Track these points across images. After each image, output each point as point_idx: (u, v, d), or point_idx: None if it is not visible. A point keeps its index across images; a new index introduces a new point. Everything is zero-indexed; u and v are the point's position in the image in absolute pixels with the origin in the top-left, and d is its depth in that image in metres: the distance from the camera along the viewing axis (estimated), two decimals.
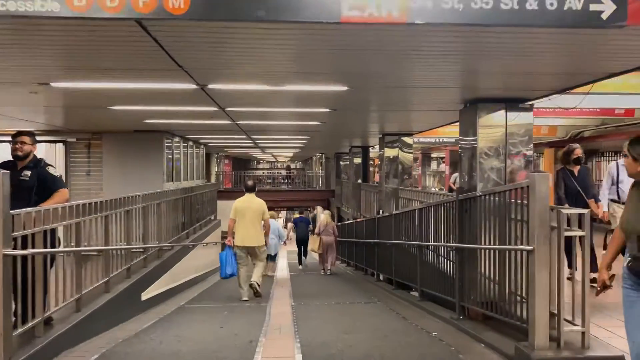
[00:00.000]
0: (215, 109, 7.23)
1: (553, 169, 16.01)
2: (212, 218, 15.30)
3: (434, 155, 31.76)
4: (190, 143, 13.87)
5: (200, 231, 12.78)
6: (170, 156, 11.74)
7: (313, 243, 13.57)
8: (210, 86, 5.27)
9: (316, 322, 6.35)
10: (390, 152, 10.91)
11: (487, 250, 5.20)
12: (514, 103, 5.69)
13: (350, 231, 14.56)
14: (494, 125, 5.73)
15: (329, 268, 13.06)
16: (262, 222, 8.04)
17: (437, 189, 23.97)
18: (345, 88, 5.23)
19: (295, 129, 10.68)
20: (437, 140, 17.23)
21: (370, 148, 16.13)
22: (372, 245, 11.21)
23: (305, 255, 15.85)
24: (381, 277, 10.81)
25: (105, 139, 10.85)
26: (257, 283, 8.09)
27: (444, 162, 29.87)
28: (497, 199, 5.02)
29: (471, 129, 5.89)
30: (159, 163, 10.93)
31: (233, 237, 7.94)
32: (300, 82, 5.13)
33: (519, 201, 4.55)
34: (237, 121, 8.99)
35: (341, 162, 22.77)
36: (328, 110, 7.22)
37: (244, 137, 12.42)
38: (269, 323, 6.26)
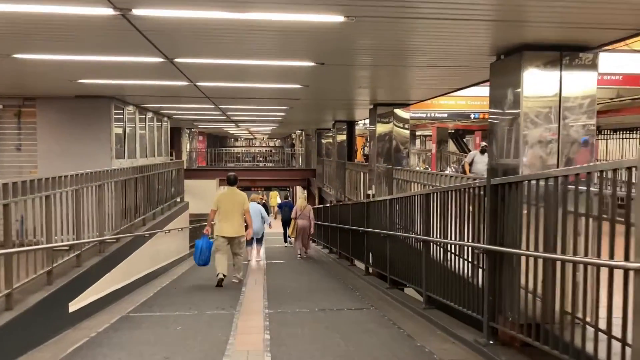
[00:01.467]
0: (161, 59, 5.49)
1: None
2: (178, 200, 13.59)
3: (418, 133, 30.29)
4: (150, 114, 12.02)
5: (162, 216, 11.08)
6: (121, 129, 9.92)
7: (291, 227, 13.14)
8: (138, 13, 3.54)
9: (296, 346, 4.80)
10: (383, 127, 9.32)
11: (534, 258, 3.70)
12: (573, 52, 4.12)
13: (334, 215, 13.02)
14: (542, 84, 4.15)
15: (305, 251, 12.77)
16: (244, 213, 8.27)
17: (421, 169, 22.57)
18: (341, 19, 3.56)
19: (273, 96, 8.92)
20: (429, 115, 15.67)
21: (356, 124, 14.54)
22: (360, 234, 9.69)
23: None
24: (370, 270, 9.32)
25: (39, 106, 8.97)
26: (239, 279, 8.54)
27: (429, 140, 28.47)
28: (557, 185, 3.48)
29: (509, 89, 4.31)
30: (106, 136, 9.11)
31: (212, 227, 8.40)
32: (280, 5, 3.40)
33: (596, 190, 3.05)
34: (196, 82, 7.24)
35: (323, 140, 21.14)
36: (313, 64, 5.53)
37: (211, 106, 10.64)
38: (233, 348, 4.70)
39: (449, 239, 5.41)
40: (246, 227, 8.36)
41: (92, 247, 6.83)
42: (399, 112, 9.26)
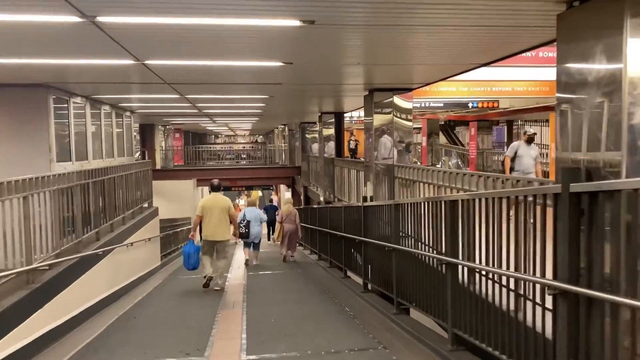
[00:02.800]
0: (78, 19, 3.95)
1: None
2: (146, 205, 11.99)
3: None
4: (106, 108, 10.36)
5: (123, 226, 9.50)
6: (66, 126, 8.28)
7: (277, 231, 12.89)
8: None
9: None
10: (381, 118, 7.86)
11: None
12: None
13: (323, 218, 11.55)
14: None
15: (291, 255, 12.55)
16: (229, 217, 8.50)
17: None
18: None
19: (250, 80, 7.30)
20: (424, 105, 14.22)
21: (344, 115, 13.08)
22: (357, 243, 8.24)
23: (274, 232, 15.74)
24: (369, 286, 7.87)
25: None
26: (218, 281, 8.74)
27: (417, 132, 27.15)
28: None
29: (599, 49, 2.86)
30: (43, 135, 7.46)
31: (199, 233, 8.66)
32: None
33: None
34: (144, 60, 5.66)
35: (307, 135, 19.64)
36: (298, 23, 3.99)
37: (176, 96, 9.02)
38: None
39: (485, 263, 3.97)
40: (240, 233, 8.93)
41: (15, 278, 5.26)
42: (399, 100, 7.81)
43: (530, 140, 8.15)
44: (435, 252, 5.03)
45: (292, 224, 12.23)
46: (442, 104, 14.88)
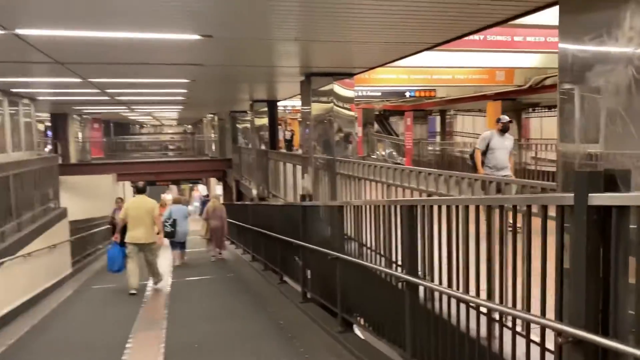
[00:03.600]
0: None
1: None
2: (52, 206, 10.46)
3: None
4: None
5: (19, 233, 8.06)
6: None
7: (202, 229, 12.43)
8: None
9: None
10: (320, 107, 6.96)
11: None
12: None
13: (258, 216, 10.55)
14: None
15: (219, 252, 12.22)
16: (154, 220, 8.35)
17: None
18: None
19: (163, 59, 6.12)
20: (362, 94, 13.48)
21: (278, 103, 12.08)
22: (295, 247, 7.35)
23: None
24: (309, 295, 7.01)
25: None
26: (158, 281, 8.78)
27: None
28: None
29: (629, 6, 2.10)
30: None
31: (120, 234, 8.37)
32: None
33: None
34: (14, 29, 4.35)
35: (238, 125, 18.45)
36: None
37: (77, 80, 7.58)
38: None
39: (463, 289, 3.20)
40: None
41: None
42: (340, 88, 6.96)
43: (505, 129, 6.93)
44: (394, 266, 4.22)
45: (218, 221, 11.85)
46: (380, 93, 14.25)
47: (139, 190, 8.70)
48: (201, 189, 19.90)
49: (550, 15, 7.03)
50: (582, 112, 2.30)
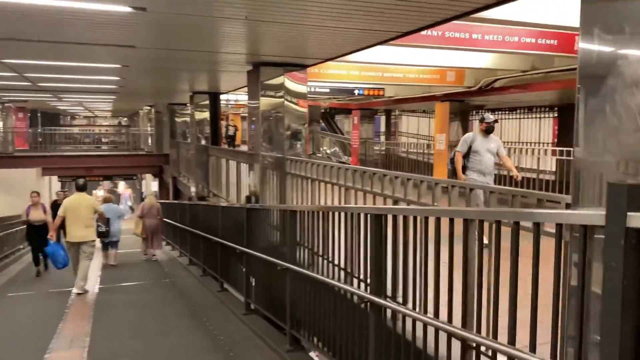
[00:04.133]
0: None
1: (447, 129, 13.02)
2: None
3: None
4: None
5: None
6: None
7: (136, 227, 11.89)
8: None
9: None
10: (269, 101, 6.33)
11: None
12: None
13: (196, 217, 9.78)
14: None
15: (154, 253, 11.80)
16: (96, 216, 8.47)
17: None
18: None
19: (89, 35, 5.25)
20: (310, 90, 12.88)
21: (220, 97, 11.29)
22: (238, 253, 6.71)
23: None
24: (252, 306, 6.40)
25: None
26: (83, 286, 8.21)
27: None
28: None
29: None
30: None
31: (56, 233, 8.35)
32: None
33: None
34: None
35: (177, 118, 17.42)
36: None
37: None
38: None
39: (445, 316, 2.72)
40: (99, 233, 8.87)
41: None
42: (291, 83, 6.37)
43: (489, 130, 6.29)
44: (355, 282, 3.70)
45: (153, 219, 11.46)
46: (328, 90, 13.78)
47: (78, 188, 8.45)
48: (121, 187, 18.46)
49: (512, 11, 6.81)
50: (613, 113, 1.85)
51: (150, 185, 26.59)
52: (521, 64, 9.70)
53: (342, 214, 4.01)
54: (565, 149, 10.11)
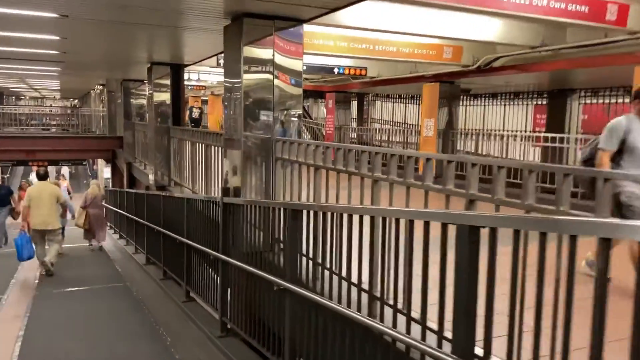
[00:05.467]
0: None
1: (436, 114, 11.87)
2: None
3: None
4: None
5: None
6: None
7: (78, 218, 11.08)
8: None
9: None
10: (253, 77, 4.87)
11: None
12: None
13: (155, 210, 8.27)
14: None
15: (98, 244, 11.26)
16: (59, 205, 8.56)
17: None
18: None
19: None
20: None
21: (184, 69, 9.67)
22: (212, 260, 5.31)
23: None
24: (229, 325, 5.01)
25: None
26: (51, 262, 8.40)
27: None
28: None
29: None
30: None
31: (28, 223, 8.26)
32: None
33: None
34: None
35: (132, 98, 15.61)
36: None
37: None
38: None
39: None
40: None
41: None
42: (284, 58, 5.00)
43: None
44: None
45: (98, 209, 11.10)
46: (305, 67, 12.34)
47: (39, 177, 8.84)
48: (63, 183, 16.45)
49: None
50: None
51: (103, 171, 24.50)
52: (532, 37, 8.57)
53: (378, 218, 2.72)
54: None
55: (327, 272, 3.23)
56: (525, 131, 13.58)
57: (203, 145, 7.09)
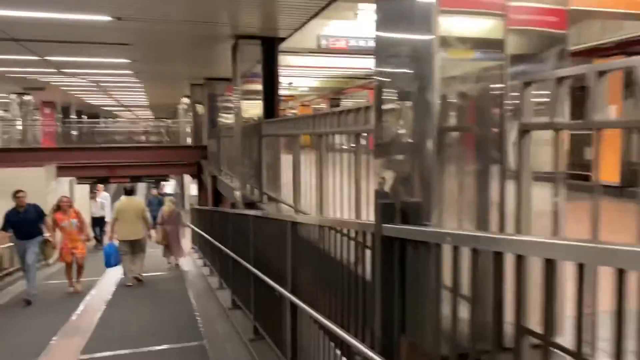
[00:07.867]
0: None
1: None
2: None
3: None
4: None
5: None
6: None
7: (157, 235, 10.80)
8: None
9: None
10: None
11: None
12: None
13: (243, 236, 5.84)
14: None
15: (176, 262, 11.14)
16: (143, 219, 9.29)
17: None
18: None
19: None
20: None
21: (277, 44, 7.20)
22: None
23: None
24: None
25: None
26: (140, 274, 9.28)
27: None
28: None
29: None
30: None
31: (114, 234, 9.22)
32: None
33: None
34: None
35: (217, 103, 13.71)
36: None
37: None
38: None
39: None
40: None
41: None
42: None
43: None
44: None
45: (174, 226, 11.11)
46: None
47: (126, 192, 9.42)
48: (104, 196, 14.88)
49: None
50: None
51: (189, 187, 23.13)
52: None
53: None
54: None
55: None
56: None
57: (315, 137, 4.42)
